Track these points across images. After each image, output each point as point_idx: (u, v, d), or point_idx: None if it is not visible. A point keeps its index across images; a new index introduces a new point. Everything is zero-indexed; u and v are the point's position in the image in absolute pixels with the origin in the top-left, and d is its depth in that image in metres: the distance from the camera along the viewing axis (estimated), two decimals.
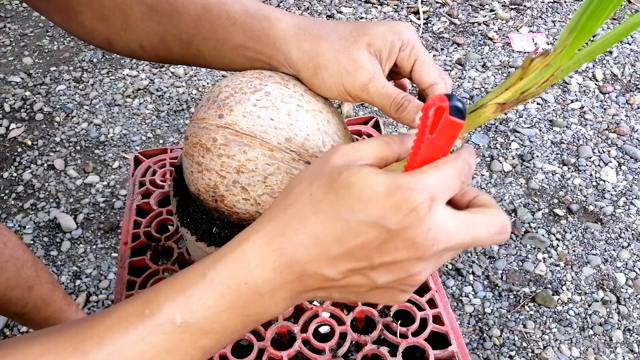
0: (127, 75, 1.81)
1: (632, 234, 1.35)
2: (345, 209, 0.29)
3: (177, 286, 0.32)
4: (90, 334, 0.31)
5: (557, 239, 1.35)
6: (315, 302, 0.58)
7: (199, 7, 0.45)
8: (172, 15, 0.46)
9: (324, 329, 0.58)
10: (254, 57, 0.47)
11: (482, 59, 1.89)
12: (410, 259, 0.30)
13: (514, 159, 1.55)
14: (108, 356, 0.30)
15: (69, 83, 1.79)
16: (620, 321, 1.19)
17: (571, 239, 1.35)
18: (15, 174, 1.49)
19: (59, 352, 0.30)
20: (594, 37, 1.70)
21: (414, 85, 0.47)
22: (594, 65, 1.86)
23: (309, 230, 0.30)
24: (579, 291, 1.25)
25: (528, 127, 1.64)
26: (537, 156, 1.55)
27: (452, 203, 0.34)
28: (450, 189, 0.31)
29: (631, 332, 1.17)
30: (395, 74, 0.47)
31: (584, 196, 1.45)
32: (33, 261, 0.82)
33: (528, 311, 1.21)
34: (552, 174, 1.51)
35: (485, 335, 1.17)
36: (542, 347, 1.15)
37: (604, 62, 1.87)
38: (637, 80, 1.79)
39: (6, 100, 1.72)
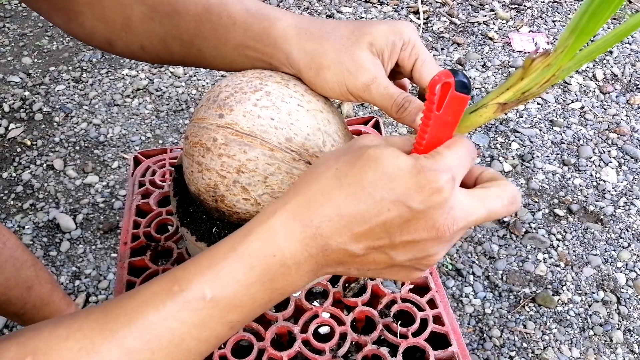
0: (127, 75, 1.81)
1: (633, 234, 1.35)
2: (370, 183, 0.30)
3: (205, 261, 0.32)
4: (118, 314, 0.31)
5: (557, 239, 1.35)
6: (315, 303, 0.57)
7: (199, 7, 0.45)
8: (172, 16, 0.46)
9: (324, 330, 0.58)
10: (254, 57, 0.47)
11: (482, 58, 1.89)
12: (430, 239, 0.31)
13: (514, 159, 1.55)
14: (137, 334, 0.30)
15: (68, 83, 1.79)
16: (620, 322, 1.19)
17: (571, 239, 1.35)
18: (14, 174, 1.49)
19: (86, 334, 0.30)
20: (594, 37, 1.70)
21: (414, 85, 0.47)
22: (594, 65, 1.86)
23: (334, 203, 0.31)
24: (579, 291, 1.25)
25: (528, 127, 1.64)
26: (538, 156, 1.55)
27: (461, 182, 0.35)
28: (465, 167, 0.32)
29: (631, 332, 1.17)
30: (396, 73, 0.47)
31: (584, 196, 1.45)
32: (32, 261, 0.82)
33: (528, 312, 1.21)
34: (553, 174, 1.51)
35: (485, 335, 1.17)
36: (542, 348, 1.15)
37: (604, 62, 1.87)
38: (638, 80, 1.79)
39: (5, 100, 1.72)
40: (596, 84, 1.79)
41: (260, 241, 0.31)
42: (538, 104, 1.72)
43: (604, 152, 1.56)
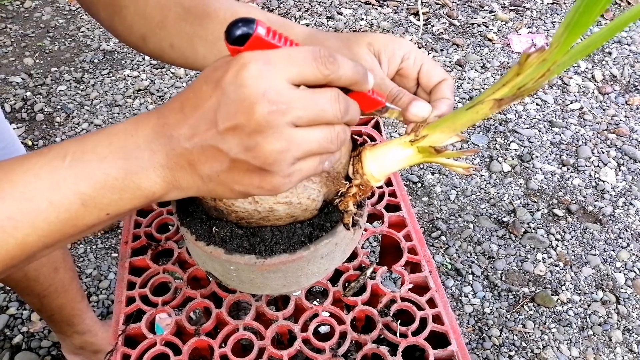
0: (128, 75, 1.82)
1: (632, 234, 1.36)
2: (202, 77, 0.34)
3: (80, 137, 0.36)
4: None
5: (556, 239, 1.35)
6: (315, 302, 0.58)
7: (228, 13, 0.50)
8: (203, 17, 0.51)
9: (324, 329, 0.58)
10: None
11: (481, 59, 1.89)
12: (250, 122, 0.31)
13: (513, 159, 1.56)
14: None
15: (70, 83, 1.79)
16: (619, 321, 1.19)
17: (570, 239, 1.35)
18: None
19: None
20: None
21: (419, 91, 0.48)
22: (593, 66, 1.86)
23: (181, 97, 0.35)
24: (579, 291, 1.25)
25: (527, 128, 1.65)
26: (537, 157, 1.56)
27: None
28: (297, 61, 0.32)
29: (630, 332, 1.17)
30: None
31: (583, 196, 1.45)
32: None
33: (527, 311, 1.21)
34: (552, 175, 1.51)
35: (484, 335, 1.17)
36: (541, 347, 1.15)
37: (603, 62, 1.88)
38: (636, 81, 1.80)
39: (7, 100, 1.72)
40: (595, 85, 1.79)
41: (126, 124, 0.35)
42: (537, 104, 1.73)
43: (603, 152, 1.57)
